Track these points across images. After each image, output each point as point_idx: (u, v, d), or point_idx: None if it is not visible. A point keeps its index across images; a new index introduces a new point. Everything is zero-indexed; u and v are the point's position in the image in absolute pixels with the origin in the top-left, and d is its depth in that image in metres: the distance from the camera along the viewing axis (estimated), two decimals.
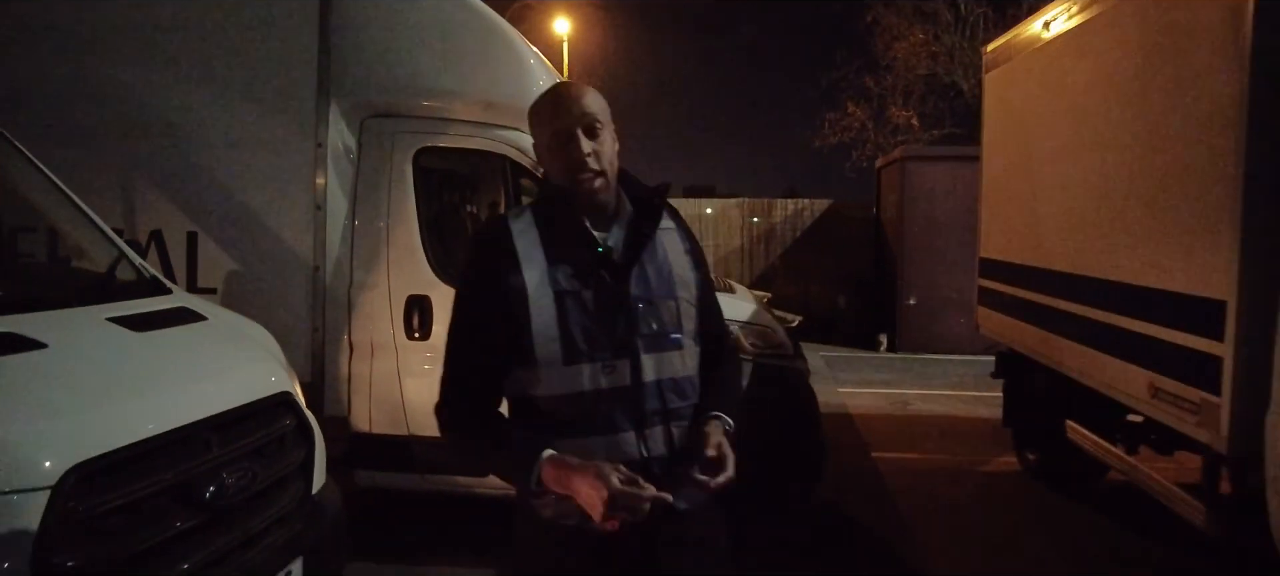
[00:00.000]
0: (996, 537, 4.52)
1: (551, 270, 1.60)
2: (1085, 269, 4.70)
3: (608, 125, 1.67)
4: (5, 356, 2.05)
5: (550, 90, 1.69)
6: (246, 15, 4.22)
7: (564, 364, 1.58)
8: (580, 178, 1.61)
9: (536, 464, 1.50)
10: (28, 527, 1.75)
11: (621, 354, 1.60)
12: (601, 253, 1.63)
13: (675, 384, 1.66)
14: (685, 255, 1.74)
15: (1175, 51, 3.84)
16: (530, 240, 1.62)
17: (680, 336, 1.68)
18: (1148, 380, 3.97)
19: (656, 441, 1.61)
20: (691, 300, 1.72)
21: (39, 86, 4.15)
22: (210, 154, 4.19)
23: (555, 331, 1.58)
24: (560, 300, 1.59)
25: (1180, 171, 3.77)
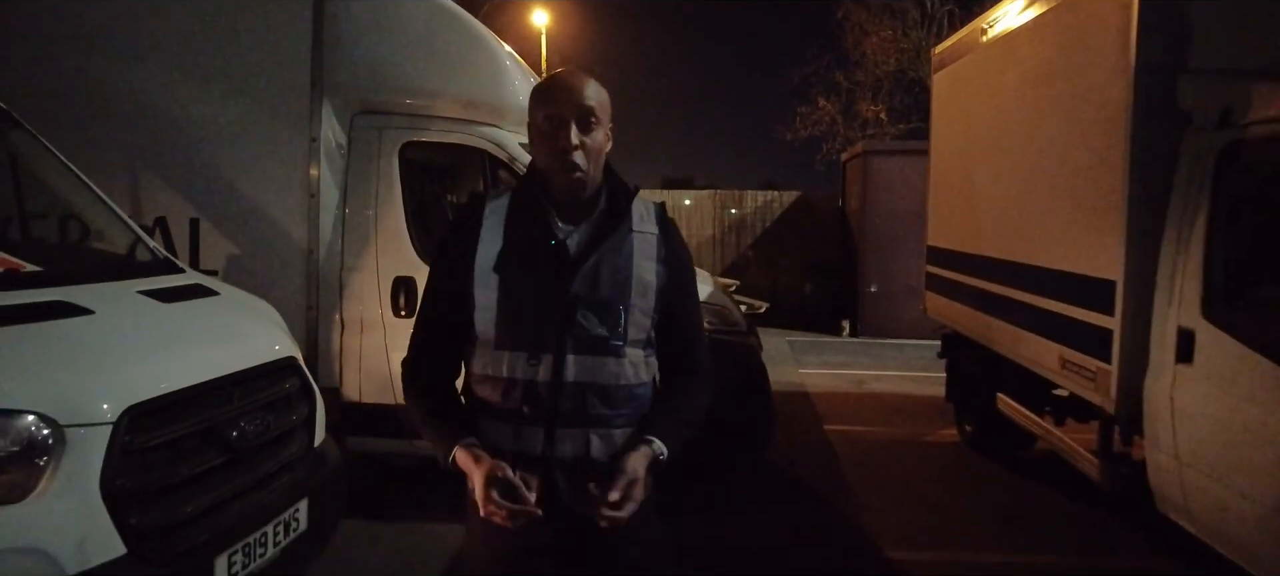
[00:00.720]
0: (930, 498, 5.00)
1: (504, 255, 1.62)
2: (1011, 254, 5.19)
3: (604, 122, 1.65)
4: (61, 320, 2.44)
5: (554, 75, 1.70)
6: (246, 21, 4.57)
7: (494, 348, 1.61)
8: (560, 167, 1.60)
9: (453, 448, 1.59)
10: (95, 456, 2.15)
11: (546, 349, 1.59)
12: (554, 245, 1.63)
13: (603, 390, 1.62)
14: (653, 263, 1.68)
15: (1080, 65, 4.32)
16: (497, 221, 1.66)
17: (621, 343, 1.63)
18: (1058, 353, 4.46)
19: (567, 443, 1.60)
20: (646, 310, 1.66)
21: (49, 81, 4.48)
22: (212, 148, 4.55)
23: (493, 314, 1.61)
24: (504, 285, 1.61)
25: (1083, 169, 4.25)
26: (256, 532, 2.66)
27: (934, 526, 4.57)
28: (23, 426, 2.05)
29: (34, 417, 2.07)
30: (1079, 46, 4.35)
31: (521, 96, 4.64)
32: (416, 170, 4.90)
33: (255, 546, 2.66)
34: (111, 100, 4.53)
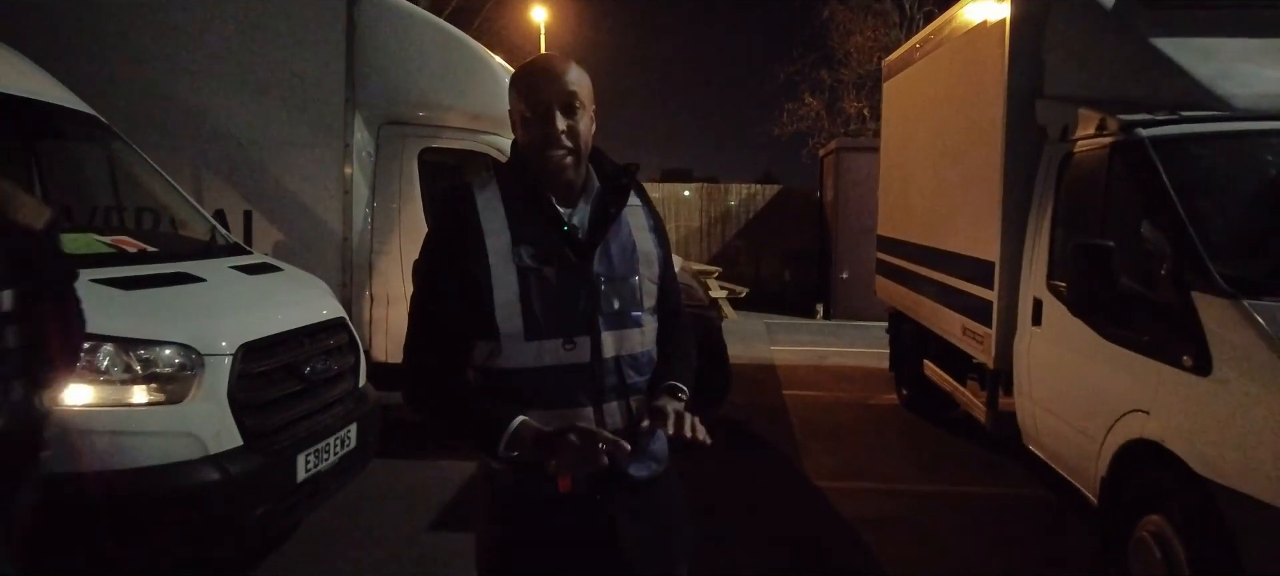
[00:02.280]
0: (860, 445, 5.96)
1: (516, 245, 1.60)
2: (932, 241, 6.15)
3: (587, 105, 1.64)
4: (187, 285, 3.41)
5: (534, 61, 1.69)
6: (291, 47, 5.51)
7: (525, 338, 1.59)
8: (550, 154, 1.60)
9: (506, 431, 1.53)
10: (223, 376, 3.10)
11: (582, 331, 1.61)
12: (567, 230, 1.64)
13: (634, 360, 1.68)
14: (649, 233, 1.75)
15: (974, 87, 5.28)
16: (494, 211, 1.63)
17: (640, 314, 1.69)
18: (961, 322, 5.42)
19: (614, 415, 1.64)
20: (653, 277, 1.73)
21: (130, 95, 5.36)
22: (262, 151, 5.50)
23: (517, 306, 1.59)
24: (523, 276, 1.59)
25: (975, 170, 5.20)
26: (322, 443, 3.62)
27: (857, 465, 5.53)
28: (179, 353, 3.01)
29: (185, 348, 3.03)
30: (973, 72, 5.30)
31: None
32: (431, 170, 5.85)
33: (322, 453, 3.62)
34: (179, 111, 5.47)
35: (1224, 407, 2.89)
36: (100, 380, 2.88)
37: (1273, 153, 3.51)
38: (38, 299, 2.22)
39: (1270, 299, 2.89)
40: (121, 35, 5.47)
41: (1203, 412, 2.99)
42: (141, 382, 2.95)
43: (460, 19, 17.21)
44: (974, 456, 5.65)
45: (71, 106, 4.45)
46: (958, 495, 5.01)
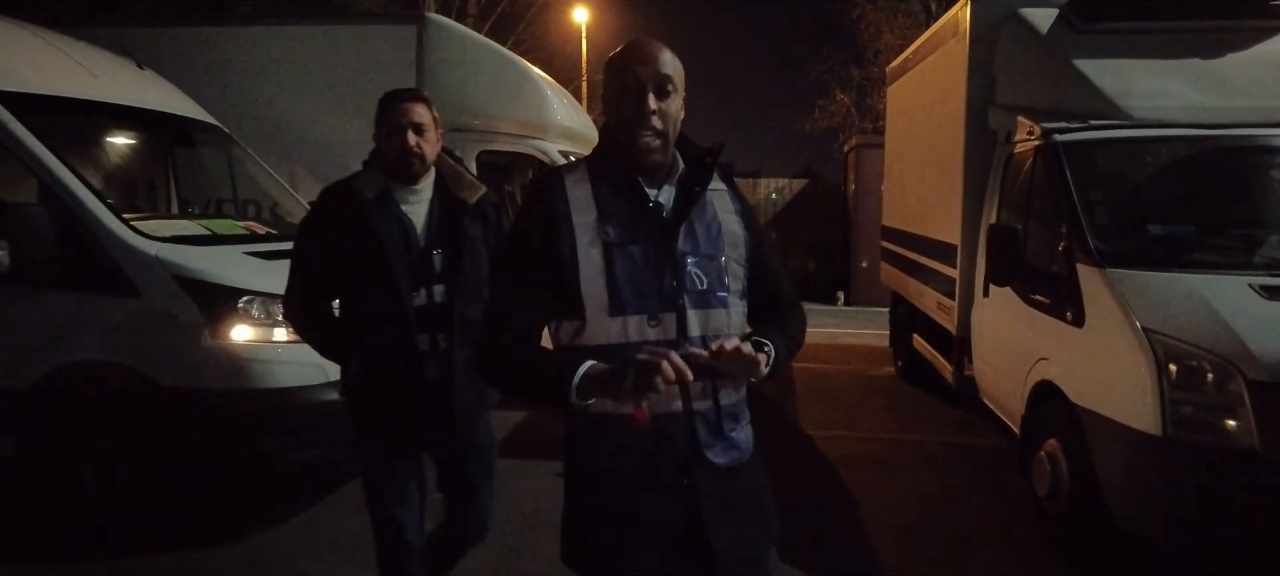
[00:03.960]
0: (851, 405, 6.87)
1: (601, 223, 1.63)
2: (918, 229, 7.03)
3: (679, 89, 1.67)
4: None
5: (630, 44, 1.69)
6: (365, 61, 6.61)
7: (610, 315, 1.62)
8: (640, 134, 1.63)
9: (577, 374, 1.54)
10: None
11: (668, 308, 1.63)
12: (652, 208, 1.66)
13: (719, 340, 1.64)
14: (735, 215, 1.76)
15: (946, 95, 6.16)
16: (582, 193, 1.67)
17: (726, 294, 1.69)
18: (936, 298, 6.31)
19: (700, 396, 1.66)
20: (739, 259, 1.73)
21: (238, 105, 6.50)
22: (344, 153, 6.51)
23: (602, 283, 1.61)
24: (608, 253, 1.62)
25: (946, 167, 6.09)
26: None
27: (846, 420, 6.45)
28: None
29: None
30: (945, 82, 6.18)
31: (560, 117, 6.64)
32: (486, 169, 6.90)
33: None
34: (278, 120, 6.61)
35: (1089, 350, 3.79)
36: (255, 325, 3.95)
37: (1153, 154, 4.37)
38: (459, 259, 2.53)
39: (1127, 268, 3.78)
40: (233, 61, 6.63)
41: (1077, 355, 3.89)
42: (282, 326, 4.02)
43: (505, 24, 18.34)
44: (948, 415, 6.53)
45: (199, 118, 5.61)
46: (928, 442, 5.91)
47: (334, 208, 2.59)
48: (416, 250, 2.51)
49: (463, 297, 2.53)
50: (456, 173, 2.70)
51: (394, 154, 2.55)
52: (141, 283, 3.89)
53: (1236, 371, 3.17)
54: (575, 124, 7.43)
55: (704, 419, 1.67)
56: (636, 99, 1.62)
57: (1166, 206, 4.24)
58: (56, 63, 4.80)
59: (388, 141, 2.57)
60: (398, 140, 2.54)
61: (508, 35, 18.26)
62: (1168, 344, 3.35)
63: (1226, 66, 4.63)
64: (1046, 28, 5.05)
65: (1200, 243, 3.91)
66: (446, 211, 2.57)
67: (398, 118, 2.56)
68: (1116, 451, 3.51)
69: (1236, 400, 3.16)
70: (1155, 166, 4.35)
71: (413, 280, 2.49)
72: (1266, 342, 3.18)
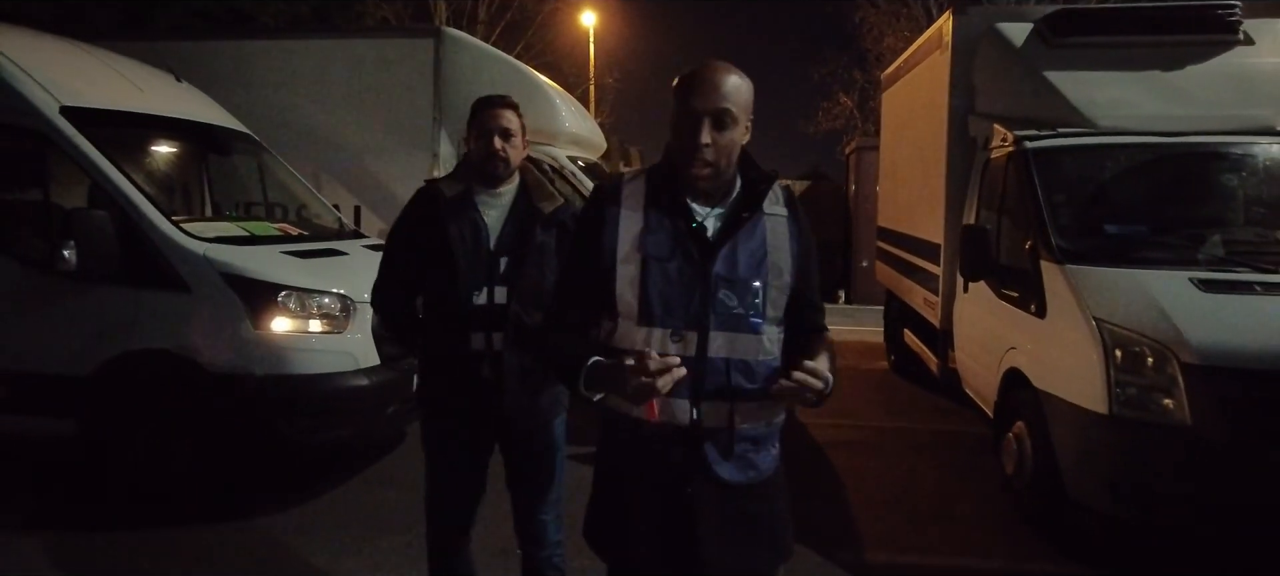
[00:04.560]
0: (846, 395, 7.25)
1: (645, 235, 1.70)
2: (908, 229, 7.40)
3: (741, 120, 1.69)
4: (337, 257, 4.89)
5: (696, 69, 1.71)
6: (386, 73, 7.03)
7: (637, 323, 1.69)
8: (691, 165, 1.68)
9: (582, 371, 1.67)
10: (368, 317, 4.55)
11: (692, 326, 1.67)
12: (695, 228, 1.71)
13: (745, 366, 1.70)
14: (788, 243, 1.77)
15: (930, 104, 6.53)
16: (636, 203, 1.74)
17: (759, 321, 1.71)
18: (923, 294, 6.69)
19: (713, 416, 1.69)
20: (783, 288, 1.75)
21: (266, 114, 6.91)
22: (368, 158, 7.02)
23: (634, 293, 1.68)
24: (645, 265, 1.68)
25: (930, 170, 6.46)
26: None
27: (837, 408, 6.80)
28: (339, 300, 4.48)
29: (342, 297, 4.50)
30: (930, 90, 6.56)
31: (568, 124, 7.05)
32: None
33: None
34: (305, 128, 7.02)
35: (1049, 339, 4.17)
36: (292, 317, 4.37)
37: (1113, 160, 4.74)
38: (523, 265, 2.59)
39: (1085, 265, 4.15)
40: (261, 72, 7.07)
41: (1039, 344, 4.27)
42: (316, 318, 4.43)
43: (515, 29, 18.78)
44: (935, 405, 6.91)
45: (231, 127, 6.03)
46: (914, 430, 6.29)
47: (419, 207, 2.69)
48: (485, 252, 2.58)
49: (521, 302, 2.57)
50: (539, 182, 2.75)
51: (480, 156, 2.62)
52: (191, 279, 4.31)
53: (1172, 355, 3.54)
54: (582, 131, 7.83)
55: (714, 438, 1.71)
56: (692, 129, 1.67)
57: (1123, 208, 4.62)
58: (106, 77, 5.23)
59: (476, 144, 2.64)
60: (485, 143, 2.60)
61: (517, 40, 18.72)
62: (1115, 332, 3.73)
63: (1184, 78, 5.00)
64: (1021, 41, 5.42)
65: (1151, 241, 4.29)
66: (523, 218, 2.63)
67: (488, 122, 2.62)
68: (1070, 429, 3.89)
69: (1172, 381, 3.54)
70: (1115, 171, 4.72)
71: (476, 280, 2.56)
72: (1198, 330, 3.55)
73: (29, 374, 4.43)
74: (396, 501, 4.46)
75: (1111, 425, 3.66)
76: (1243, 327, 3.56)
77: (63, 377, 4.38)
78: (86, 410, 4.38)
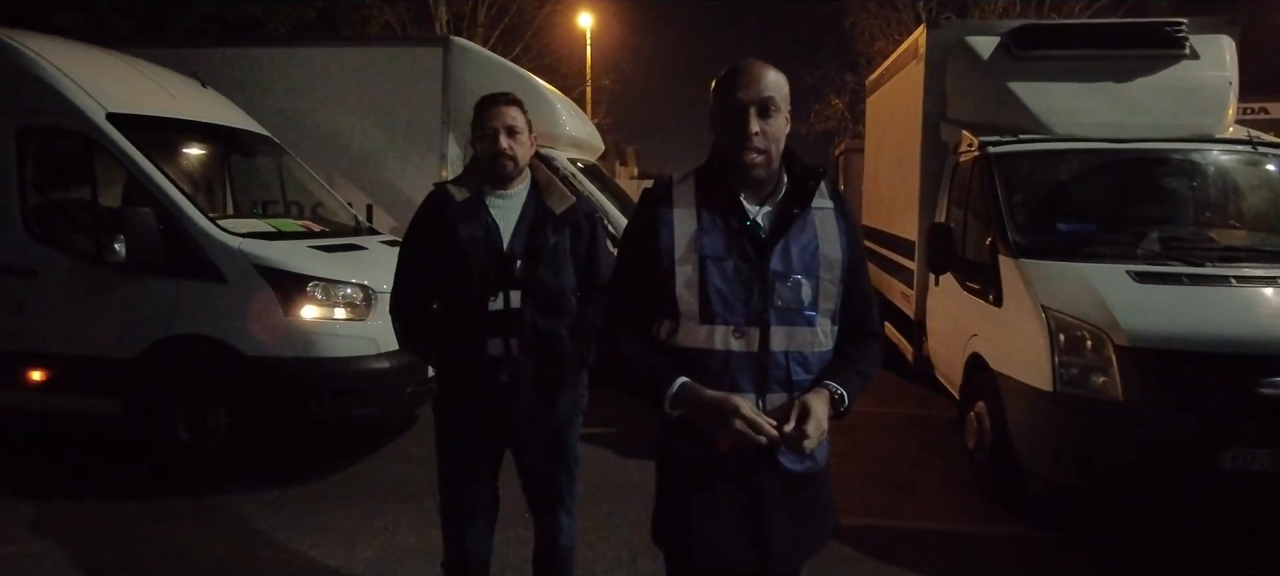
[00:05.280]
0: None
1: (700, 235, 1.75)
2: (888, 227, 7.86)
3: (783, 108, 1.75)
4: (357, 251, 5.32)
5: (735, 65, 1.77)
6: (398, 79, 7.46)
7: (699, 322, 1.75)
8: (744, 154, 1.73)
9: (670, 390, 1.72)
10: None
11: (753, 322, 1.73)
12: (749, 225, 1.76)
13: (803, 357, 1.77)
14: (837, 236, 1.82)
15: (907, 110, 6.99)
16: (687, 204, 1.78)
17: (814, 314, 1.77)
18: (900, 288, 7.15)
19: (776, 404, 1.74)
20: (834, 280, 1.80)
21: (281, 118, 7.29)
22: (379, 160, 7.45)
23: (695, 293, 1.73)
24: (703, 265, 1.73)
25: (907, 171, 6.92)
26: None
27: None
28: (361, 290, 4.91)
29: (364, 287, 4.93)
30: (906, 98, 7.02)
31: (568, 127, 7.49)
32: None
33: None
34: (321, 131, 7.45)
35: (1004, 325, 4.62)
36: (319, 305, 4.80)
37: (1067, 164, 5.20)
38: (538, 262, 2.57)
39: (1037, 259, 4.60)
40: (281, 78, 7.50)
41: (996, 330, 4.73)
42: (341, 306, 4.86)
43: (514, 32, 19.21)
44: (912, 392, 7.36)
45: (252, 130, 6.46)
46: (890, 414, 6.74)
47: (430, 211, 2.64)
48: (498, 255, 2.53)
49: (536, 307, 2.53)
50: (550, 181, 2.70)
51: (487, 155, 2.57)
52: (227, 271, 4.74)
53: (1107, 338, 4.00)
54: (581, 134, 8.27)
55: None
56: (740, 119, 1.72)
57: (1074, 208, 5.07)
58: (142, 84, 5.66)
59: (481, 143, 2.59)
60: (490, 142, 2.55)
61: (516, 42, 19.15)
62: (1059, 318, 4.19)
63: (1135, 89, 5.46)
64: (988, 54, 5.87)
65: (1096, 238, 4.74)
66: (535, 219, 2.59)
67: (492, 120, 2.56)
68: (1020, 406, 4.35)
69: (1107, 361, 3.99)
70: (1068, 174, 5.18)
71: (491, 284, 2.51)
72: (1130, 316, 4.00)
73: (79, 357, 4.86)
74: (411, 474, 4.90)
75: (1055, 401, 4.12)
76: (1168, 314, 4.01)
77: (110, 360, 4.81)
78: (132, 389, 4.81)
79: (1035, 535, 4.32)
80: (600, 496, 4.60)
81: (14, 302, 4.86)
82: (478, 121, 2.62)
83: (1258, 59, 6.57)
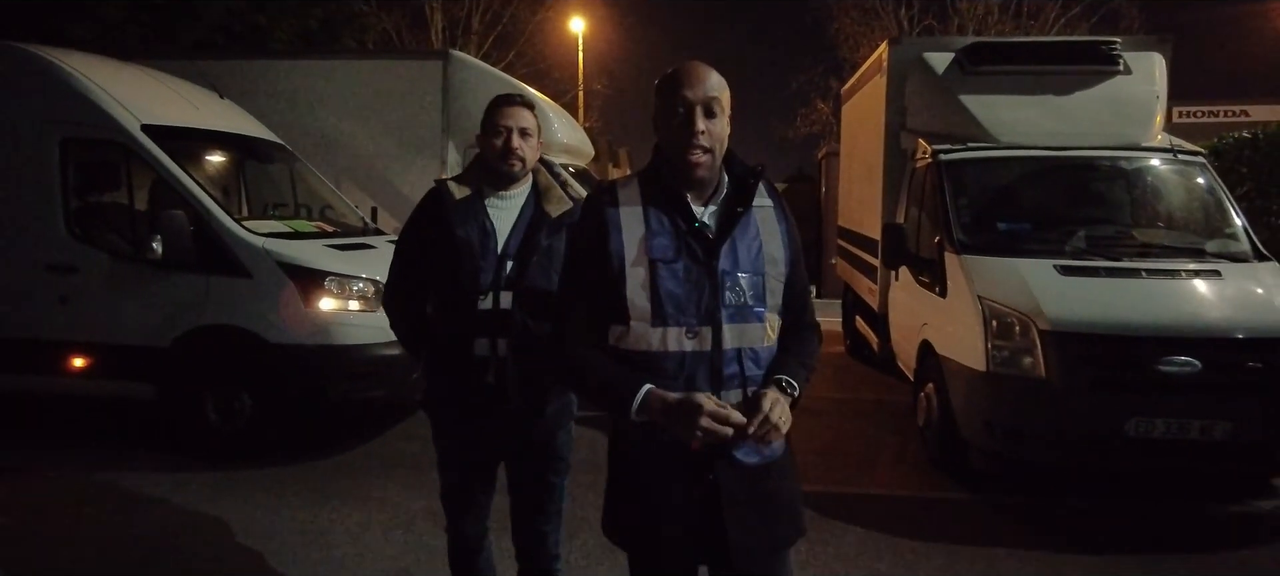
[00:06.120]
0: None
1: (649, 238, 1.77)
2: (857, 227, 8.43)
3: (725, 111, 1.79)
4: (367, 249, 5.85)
5: (679, 67, 1.80)
6: (401, 90, 8.00)
7: (651, 324, 1.76)
8: (689, 152, 1.75)
9: (639, 391, 1.73)
10: None
11: (706, 322, 1.76)
12: (697, 226, 1.79)
13: (754, 353, 1.81)
14: (777, 234, 1.87)
15: (873, 115, 7.56)
16: (634, 208, 1.80)
17: (763, 310, 1.81)
18: (867, 284, 7.71)
19: (732, 401, 1.77)
20: (779, 277, 1.85)
21: (290, 126, 7.81)
22: (384, 166, 7.98)
23: (646, 296, 1.75)
24: (653, 268, 1.75)
25: (872, 175, 7.48)
26: None
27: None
28: (372, 284, 5.43)
29: (375, 281, 5.45)
30: (872, 108, 7.59)
31: (560, 135, 8.04)
32: None
33: None
34: (328, 138, 7.98)
35: (948, 314, 5.19)
36: (335, 297, 5.32)
37: (1009, 169, 5.76)
38: (529, 264, 2.54)
39: (977, 255, 5.17)
40: (292, 89, 8.03)
41: (942, 319, 5.29)
42: (354, 299, 5.39)
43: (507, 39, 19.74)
44: (879, 381, 7.93)
45: (267, 138, 6.98)
46: (857, 399, 7.31)
47: (428, 208, 2.63)
48: (492, 255, 2.53)
49: (525, 308, 2.52)
50: (550, 185, 2.69)
51: (496, 154, 2.55)
52: (252, 267, 5.26)
53: (1032, 324, 4.56)
54: (573, 140, 8.81)
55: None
56: (685, 118, 1.76)
57: (1013, 209, 5.64)
58: (169, 97, 6.18)
59: (491, 141, 2.57)
60: (502, 140, 2.54)
61: (509, 49, 19.69)
62: (992, 306, 4.75)
63: (1072, 102, 6.03)
64: (943, 69, 6.44)
65: (1031, 236, 5.31)
66: (531, 222, 2.58)
67: (506, 119, 2.57)
68: (960, 385, 4.91)
69: (1032, 344, 4.55)
70: (1009, 179, 5.75)
71: (482, 284, 2.51)
72: (1052, 304, 4.57)
73: (117, 345, 5.38)
74: (419, 449, 5.43)
75: (988, 380, 4.68)
76: (1085, 302, 4.58)
77: (145, 348, 5.33)
78: (165, 375, 5.33)
79: (975, 498, 4.88)
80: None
81: (58, 296, 5.38)
82: (490, 120, 2.60)
83: (1243, 64, 7.14)
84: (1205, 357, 4.31)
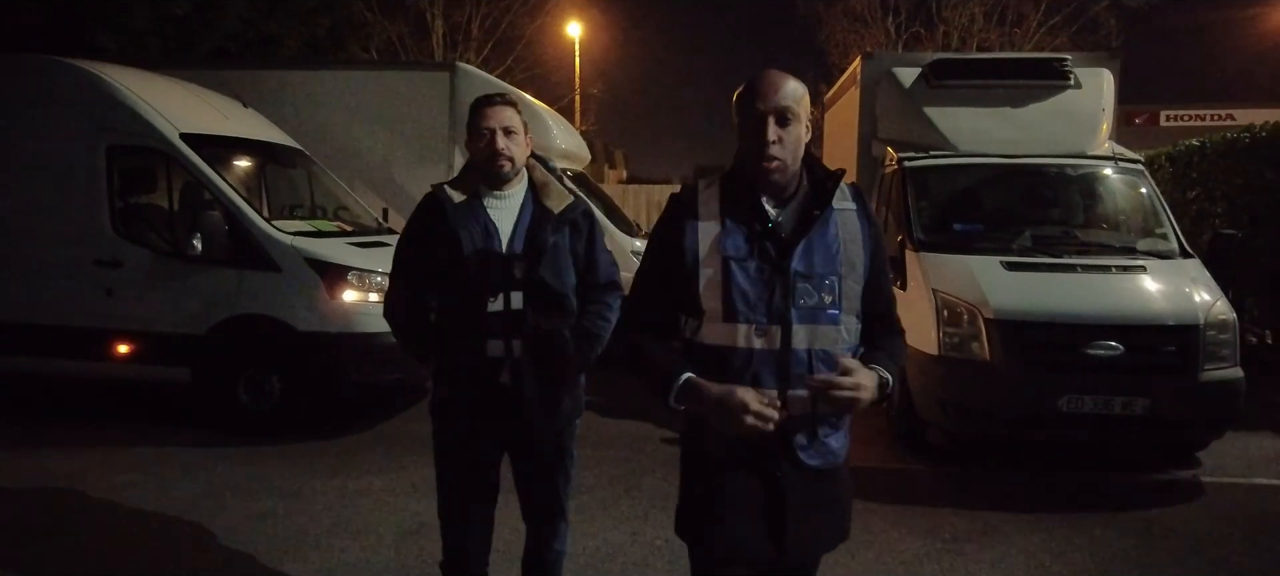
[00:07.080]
0: None
1: (723, 237, 1.82)
2: None
3: (801, 116, 1.83)
4: (382, 246, 6.41)
5: (755, 78, 1.84)
6: (409, 99, 8.57)
7: (722, 320, 1.81)
8: (762, 160, 1.80)
9: (675, 384, 1.78)
10: None
11: (775, 321, 1.79)
12: (771, 227, 1.82)
13: (826, 355, 1.82)
14: (859, 238, 1.89)
15: (847, 124, 8.14)
16: (712, 208, 1.86)
17: (837, 312, 1.83)
18: None
19: (797, 403, 1.80)
20: (856, 279, 1.87)
21: (301, 129, 8.36)
22: (393, 169, 8.55)
23: (718, 293, 1.80)
24: (726, 265, 1.80)
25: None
26: None
27: None
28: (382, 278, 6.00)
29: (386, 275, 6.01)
30: (848, 118, 8.19)
31: (559, 141, 8.62)
32: None
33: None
34: (341, 143, 8.54)
35: (907, 305, 5.73)
36: (357, 290, 5.89)
37: (966, 175, 6.35)
38: (539, 262, 2.54)
39: (933, 252, 5.75)
40: (307, 97, 8.60)
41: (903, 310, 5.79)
42: (374, 291, 5.94)
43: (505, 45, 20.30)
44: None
45: (284, 143, 7.54)
46: None
47: (426, 214, 2.62)
48: (497, 256, 2.51)
49: (538, 307, 2.51)
50: (546, 180, 2.67)
51: (483, 156, 2.53)
52: (281, 262, 5.83)
53: (978, 313, 5.14)
54: (570, 145, 9.39)
55: (800, 424, 1.85)
56: (759, 128, 1.80)
57: (969, 211, 6.22)
58: (201, 107, 6.75)
59: (477, 144, 2.55)
60: (487, 143, 2.51)
61: (507, 54, 20.25)
62: (944, 297, 5.33)
63: (1026, 114, 6.61)
64: (909, 82, 7.02)
65: (982, 235, 5.89)
66: (534, 220, 2.56)
67: (488, 120, 2.53)
68: (917, 369, 5.48)
69: (979, 331, 5.13)
70: (965, 184, 6.33)
71: (490, 286, 2.49)
72: (997, 295, 5.15)
73: (157, 334, 5.94)
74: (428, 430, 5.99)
75: (940, 363, 5.26)
76: (1026, 294, 5.16)
77: (182, 336, 5.89)
78: (200, 360, 5.89)
79: (931, 470, 5.47)
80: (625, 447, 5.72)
81: (104, 289, 5.94)
82: (473, 122, 2.58)
83: (1229, 68, 7.71)
84: (1127, 342, 4.90)
